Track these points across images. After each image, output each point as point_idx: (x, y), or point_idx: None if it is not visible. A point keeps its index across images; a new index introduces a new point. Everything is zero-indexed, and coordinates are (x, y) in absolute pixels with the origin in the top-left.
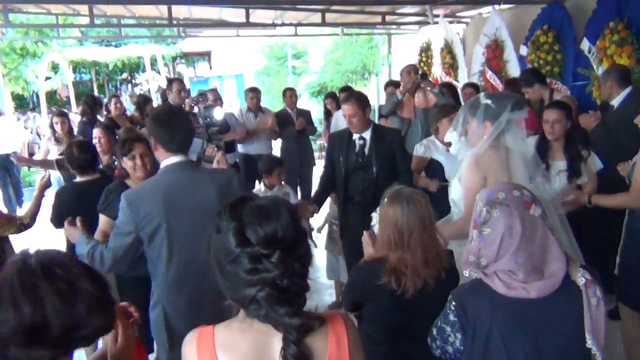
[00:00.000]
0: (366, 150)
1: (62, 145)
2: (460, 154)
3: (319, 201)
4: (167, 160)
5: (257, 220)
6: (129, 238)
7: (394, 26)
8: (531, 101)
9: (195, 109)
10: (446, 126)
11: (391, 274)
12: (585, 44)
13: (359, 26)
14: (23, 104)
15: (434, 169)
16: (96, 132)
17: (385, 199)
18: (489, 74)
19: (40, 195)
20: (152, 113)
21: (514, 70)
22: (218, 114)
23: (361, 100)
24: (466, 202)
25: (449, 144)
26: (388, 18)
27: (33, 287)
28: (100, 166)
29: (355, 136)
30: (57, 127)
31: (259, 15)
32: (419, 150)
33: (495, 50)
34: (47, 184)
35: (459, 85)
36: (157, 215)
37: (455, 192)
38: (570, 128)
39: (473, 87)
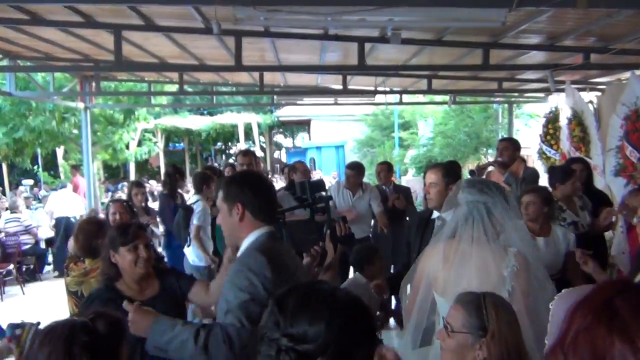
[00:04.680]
0: None
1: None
2: None
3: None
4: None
5: None
6: None
7: (516, 93)
8: None
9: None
10: None
11: None
12: None
13: (472, 93)
14: (115, 173)
15: None
16: (114, 207)
17: (494, 312)
18: (629, 150)
19: None
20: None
21: None
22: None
23: (448, 173)
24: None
25: None
26: (506, 84)
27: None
28: None
29: (435, 215)
30: (136, 199)
31: (359, 81)
32: None
33: (635, 122)
34: None
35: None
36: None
37: None
38: None
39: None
